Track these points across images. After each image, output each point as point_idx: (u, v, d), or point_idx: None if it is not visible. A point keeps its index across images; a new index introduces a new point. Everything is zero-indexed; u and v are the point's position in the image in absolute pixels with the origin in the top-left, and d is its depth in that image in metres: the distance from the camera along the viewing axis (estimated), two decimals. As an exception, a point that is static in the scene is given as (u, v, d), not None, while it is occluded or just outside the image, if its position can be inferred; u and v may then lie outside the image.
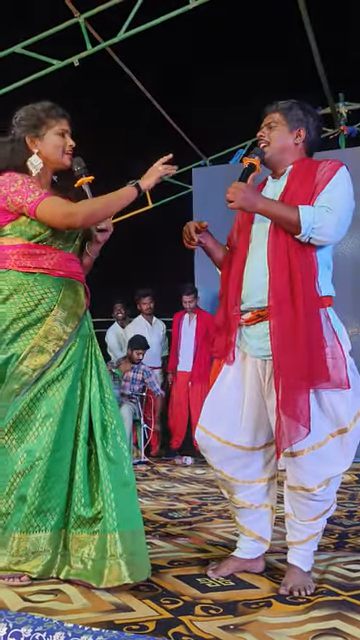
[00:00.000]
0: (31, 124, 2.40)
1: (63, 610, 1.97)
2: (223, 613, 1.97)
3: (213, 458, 2.39)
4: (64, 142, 2.42)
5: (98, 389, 2.38)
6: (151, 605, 2.03)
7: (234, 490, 2.40)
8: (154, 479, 5.13)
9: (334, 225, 2.20)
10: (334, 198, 2.21)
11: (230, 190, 2.24)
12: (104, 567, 2.16)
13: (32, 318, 2.34)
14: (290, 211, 2.19)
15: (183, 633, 1.79)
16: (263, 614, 1.96)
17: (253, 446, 2.35)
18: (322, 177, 2.25)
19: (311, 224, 2.16)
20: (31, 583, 2.22)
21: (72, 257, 2.47)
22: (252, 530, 2.41)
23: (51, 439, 2.27)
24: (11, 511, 2.26)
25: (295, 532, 2.30)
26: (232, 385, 2.37)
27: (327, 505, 2.28)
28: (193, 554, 2.67)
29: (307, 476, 2.21)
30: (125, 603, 2.05)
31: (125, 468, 2.32)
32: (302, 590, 2.15)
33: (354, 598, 2.08)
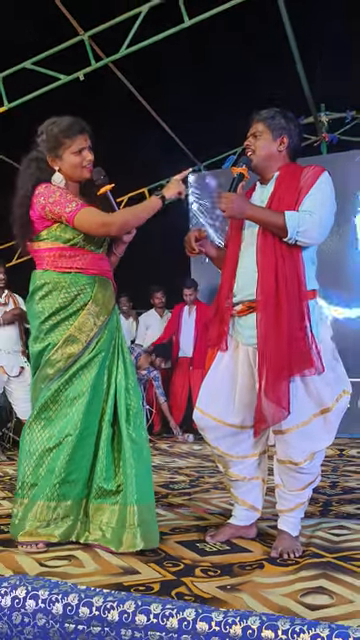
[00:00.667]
0: (50, 146, 2.41)
1: (76, 574, 1.98)
2: (220, 574, 1.98)
3: (210, 436, 2.40)
4: (81, 159, 2.41)
5: (123, 376, 2.43)
6: (155, 568, 2.04)
7: (229, 464, 2.41)
8: (156, 455, 5.14)
9: (317, 228, 2.20)
10: (316, 202, 2.21)
11: (222, 201, 2.24)
12: (123, 535, 2.22)
13: (68, 312, 2.39)
14: (276, 217, 2.19)
15: (185, 593, 1.80)
16: (256, 575, 1.97)
17: (245, 425, 2.36)
18: (305, 182, 2.24)
19: (296, 228, 2.16)
20: (47, 550, 2.23)
21: (102, 257, 2.51)
22: (246, 500, 2.42)
23: (79, 418, 2.32)
24: (39, 482, 2.29)
25: (284, 501, 2.31)
26: (226, 371, 2.37)
27: (312, 477, 2.30)
28: (192, 522, 2.68)
29: (295, 451, 2.23)
30: (132, 567, 2.06)
31: (144, 449, 2.39)
32: (291, 553, 2.16)
33: (338, 560, 2.10)
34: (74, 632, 1.60)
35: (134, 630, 1.55)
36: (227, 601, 1.74)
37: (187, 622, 1.52)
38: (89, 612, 1.60)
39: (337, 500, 3.09)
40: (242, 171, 2.31)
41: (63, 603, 1.63)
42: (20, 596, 1.68)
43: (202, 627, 1.50)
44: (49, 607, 1.64)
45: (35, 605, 1.65)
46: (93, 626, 1.59)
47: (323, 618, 1.58)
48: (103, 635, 1.57)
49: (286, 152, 2.38)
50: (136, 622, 1.55)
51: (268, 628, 1.46)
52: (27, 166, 2.45)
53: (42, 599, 1.66)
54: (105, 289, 2.47)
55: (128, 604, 1.59)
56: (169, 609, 1.56)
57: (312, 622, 1.47)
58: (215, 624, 1.50)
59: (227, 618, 1.50)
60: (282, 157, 2.37)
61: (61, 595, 1.66)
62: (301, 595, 1.79)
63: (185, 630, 1.51)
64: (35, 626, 1.63)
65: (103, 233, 2.38)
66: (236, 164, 2.34)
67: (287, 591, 1.82)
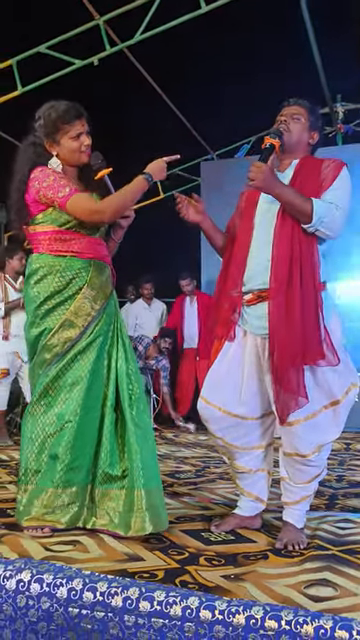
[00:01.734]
0: (48, 131, 2.39)
1: (81, 559, 1.99)
2: (225, 564, 1.99)
3: (214, 427, 2.38)
4: (79, 144, 2.39)
5: (124, 361, 2.42)
6: (160, 556, 2.04)
7: (234, 456, 2.41)
8: (162, 444, 5.16)
9: (340, 222, 2.19)
10: (340, 196, 2.19)
11: (252, 169, 2.17)
12: (131, 519, 2.22)
13: (64, 296, 2.37)
14: (304, 201, 2.15)
15: (189, 581, 1.81)
16: (261, 565, 1.97)
17: (251, 416, 2.35)
18: (328, 175, 2.22)
19: (321, 217, 2.14)
20: (52, 535, 2.25)
21: (99, 241, 2.48)
22: (251, 491, 2.43)
23: (78, 404, 2.31)
24: (42, 469, 2.30)
25: (290, 494, 2.31)
26: (233, 360, 2.36)
27: (319, 470, 2.29)
28: (198, 511, 2.69)
29: (302, 443, 2.22)
30: (137, 553, 2.07)
31: (148, 433, 2.39)
32: (295, 545, 2.16)
33: (342, 552, 2.10)
34: (78, 616, 1.61)
35: (137, 616, 1.56)
36: (231, 590, 1.74)
37: (190, 610, 1.52)
38: (93, 597, 1.61)
39: (343, 494, 3.09)
40: (275, 143, 2.24)
41: (67, 587, 1.64)
42: (25, 579, 1.69)
43: (205, 615, 1.51)
44: (53, 591, 1.65)
45: (40, 589, 1.66)
46: (97, 611, 1.60)
47: (327, 610, 1.59)
48: (106, 620, 1.58)
49: (312, 147, 2.39)
50: (140, 609, 1.56)
51: (272, 618, 1.46)
52: (24, 150, 2.44)
53: (47, 583, 1.67)
54: (101, 273, 2.45)
55: (132, 590, 1.60)
56: (173, 597, 1.56)
57: (316, 613, 1.47)
58: (218, 613, 1.50)
59: (230, 607, 1.51)
60: (307, 150, 2.37)
61: (66, 579, 1.67)
62: (305, 587, 1.79)
63: (188, 618, 1.52)
64: (39, 609, 1.64)
65: (95, 220, 2.37)
66: (268, 135, 2.26)
67: (291, 582, 1.83)
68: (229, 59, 5.95)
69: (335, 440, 2.31)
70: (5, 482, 3.32)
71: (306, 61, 6.24)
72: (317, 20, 5.65)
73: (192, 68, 6.09)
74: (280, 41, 5.79)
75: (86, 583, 1.65)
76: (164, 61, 6.04)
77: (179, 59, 6.06)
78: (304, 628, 1.42)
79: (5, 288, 5.09)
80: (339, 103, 7.40)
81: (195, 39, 5.68)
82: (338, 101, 7.40)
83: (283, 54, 5.95)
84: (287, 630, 1.43)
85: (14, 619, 1.66)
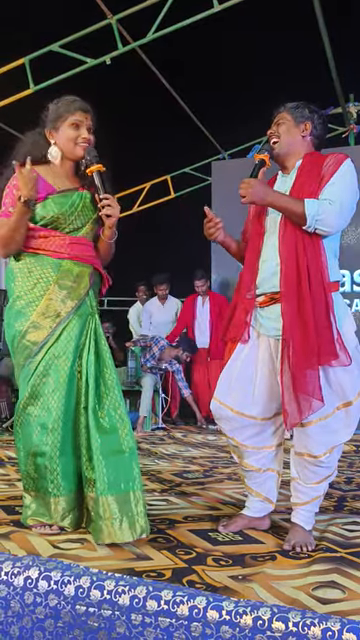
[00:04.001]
0: (51, 118, 2.37)
1: (89, 557, 2.00)
2: (232, 564, 1.98)
3: (226, 426, 2.39)
4: (77, 134, 2.34)
5: (94, 362, 2.31)
6: (167, 555, 2.05)
7: (244, 455, 2.41)
8: (170, 443, 5.16)
9: (336, 216, 2.18)
10: (337, 190, 2.19)
11: (242, 186, 2.23)
12: (101, 526, 2.15)
13: (30, 297, 2.32)
14: (296, 204, 2.17)
15: (196, 581, 1.81)
16: (268, 567, 1.97)
17: (263, 417, 2.35)
18: (327, 170, 2.22)
19: (315, 216, 2.14)
20: (59, 533, 2.25)
21: (81, 241, 2.40)
22: (259, 491, 2.42)
23: (60, 411, 2.25)
24: (39, 476, 2.27)
25: (299, 494, 2.30)
26: (246, 361, 2.36)
27: (330, 471, 2.29)
28: (205, 511, 2.69)
29: (314, 444, 2.22)
30: (144, 553, 2.07)
31: (120, 437, 2.25)
32: (304, 546, 2.16)
33: (351, 555, 2.09)
34: (85, 614, 1.62)
35: (144, 615, 1.56)
36: (238, 591, 1.74)
37: (198, 610, 1.53)
38: (100, 595, 1.62)
39: (352, 496, 3.08)
40: (264, 157, 2.30)
41: (75, 585, 1.65)
42: (33, 576, 1.70)
43: (212, 615, 1.51)
44: (61, 588, 1.66)
45: (47, 586, 1.67)
46: (104, 609, 1.60)
47: (334, 612, 1.58)
48: (113, 619, 1.59)
49: (310, 140, 2.36)
50: (147, 607, 1.56)
51: (279, 620, 1.46)
52: (24, 140, 2.43)
53: (54, 580, 1.68)
54: (76, 274, 2.36)
55: (139, 589, 1.60)
56: (180, 596, 1.56)
57: (323, 615, 1.46)
58: (226, 613, 1.50)
59: (238, 608, 1.51)
60: (306, 144, 2.36)
61: (73, 577, 1.67)
62: (313, 589, 1.78)
63: (195, 618, 1.52)
64: (47, 606, 1.65)
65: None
66: (259, 152, 2.34)
67: (299, 584, 1.82)
68: (241, 58, 5.95)
69: (344, 443, 2.30)
70: (14, 479, 3.33)
71: (319, 61, 6.22)
72: (330, 19, 5.63)
73: (204, 67, 6.10)
74: (293, 41, 5.78)
75: (93, 581, 1.65)
76: (176, 60, 6.05)
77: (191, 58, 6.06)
78: (312, 630, 1.42)
79: None
80: (352, 103, 7.38)
81: (207, 38, 5.68)
82: (351, 101, 7.37)
83: (296, 54, 5.94)
84: (294, 632, 1.43)
85: (22, 616, 1.67)
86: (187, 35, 5.53)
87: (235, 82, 6.18)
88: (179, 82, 6.62)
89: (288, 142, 2.34)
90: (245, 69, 6.04)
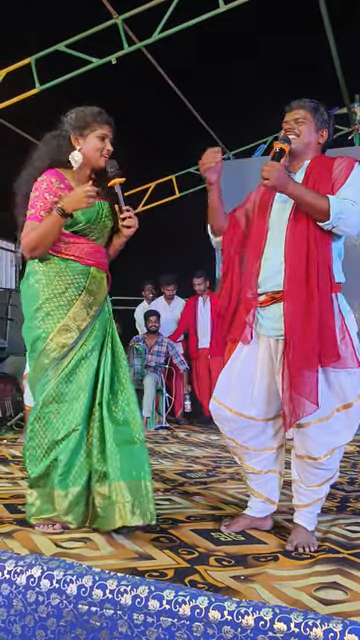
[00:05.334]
0: (78, 125, 2.44)
1: (91, 556, 2.00)
2: (234, 565, 1.98)
3: (225, 428, 2.38)
4: (103, 145, 2.44)
5: (110, 361, 2.44)
6: (170, 555, 2.05)
7: (245, 457, 2.40)
8: (174, 443, 5.16)
9: (357, 217, 2.15)
10: (355, 192, 2.16)
11: (266, 168, 2.15)
12: (113, 510, 2.23)
13: (62, 300, 2.39)
14: (320, 199, 2.13)
15: (198, 581, 1.81)
16: (271, 567, 1.97)
17: (263, 418, 2.34)
18: (340, 173, 2.20)
19: (338, 214, 2.11)
20: (62, 532, 2.26)
21: (100, 248, 2.51)
22: (261, 492, 2.42)
23: (83, 411, 2.34)
24: (50, 472, 2.31)
25: (301, 496, 2.30)
26: (246, 361, 2.35)
27: (331, 473, 2.28)
28: (208, 511, 2.68)
29: (314, 446, 2.21)
30: (147, 552, 2.07)
31: (132, 429, 2.37)
32: (306, 547, 2.15)
33: (353, 556, 2.08)
34: (87, 613, 1.62)
35: (146, 615, 1.56)
36: (240, 591, 1.74)
37: (199, 610, 1.52)
38: (102, 594, 1.62)
39: (355, 497, 3.07)
40: (284, 147, 2.23)
41: (77, 584, 1.65)
42: (35, 575, 1.70)
43: (214, 616, 1.51)
44: (63, 587, 1.66)
45: (50, 585, 1.67)
46: (106, 609, 1.60)
47: (337, 613, 1.58)
48: (115, 618, 1.59)
49: (322, 146, 2.36)
50: (149, 607, 1.56)
51: (281, 620, 1.46)
52: (47, 142, 2.49)
53: (57, 579, 1.68)
54: (98, 280, 2.48)
55: (141, 589, 1.60)
56: (182, 596, 1.56)
57: (325, 617, 1.46)
58: (228, 613, 1.50)
59: (240, 608, 1.50)
60: (318, 149, 2.35)
61: (76, 576, 1.68)
62: (315, 589, 1.78)
63: (197, 618, 1.52)
64: (49, 605, 1.65)
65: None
66: (278, 140, 2.27)
67: (301, 585, 1.82)
68: (246, 58, 5.94)
69: (348, 443, 2.29)
70: (17, 478, 3.34)
71: (324, 61, 6.21)
72: (336, 19, 5.62)
73: (209, 67, 6.09)
74: (298, 41, 5.77)
75: (96, 580, 1.65)
76: (182, 60, 6.04)
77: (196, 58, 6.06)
78: (313, 631, 1.42)
79: None
80: (357, 103, 7.36)
81: (213, 38, 5.68)
82: (356, 101, 7.35)
83: (301, 54, 5.93)
84: (296, 633, 1.43)
85: (24, 614, 1.67)
86: (193, 35, 5.52)
87: (240, 82, 6.17)
88: (184, 82, 6.62)
89: (306, 143, 2.30)
90: (250, 69, 6.03)
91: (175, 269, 7.10)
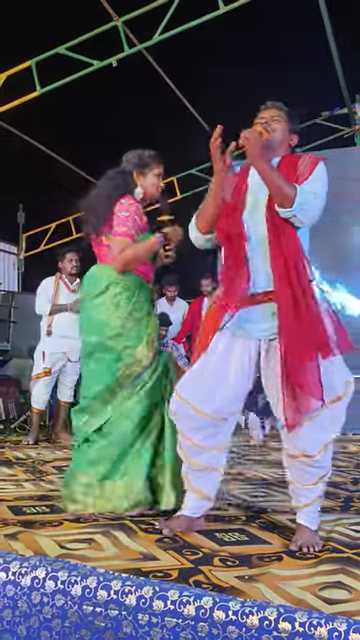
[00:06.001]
0: (140, 163, 2.86)
1: (96, 557, 2.00)
2: (239, 565, 1.98)
3: (185, 426, 2.34)
4: (159, 182, 2.89)
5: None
6: (174, 555, 2.05)
7: (192, 453, 2.36)
8: (177, 444, 5.16)
9: (316, 210, 2.21)
10: (318, 187, 2.21)
11: (246, 135, 2.21)
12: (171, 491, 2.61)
13: (142, 313, 2.73)
14: (288, 184, 2.16)
15: (202, 581, 1.81)
16: (275, 567, 1.97)
17: (220, 417, 2.30)
18: (305, 168, 2.24)
19: (302, 204, 2.15)
20: (67, 533, 2.26)
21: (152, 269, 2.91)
22: (201, 489, 2.38)
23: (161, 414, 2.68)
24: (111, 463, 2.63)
25: (300, 497, 2.29)
26: (220, 359, 2.29)
27: (324, 470, 2.27)
28: (211, 512, 2.67)
29: (309, 443, 2.20)
30: (151, 553, 2.07)
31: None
32: (310, 547, 2.15)
33: (357, 555, 2.08)
34: (91, 614, 1.62)
35: (151, 615, 1.56)
36: (245, 591, 1.74)
37: (204, 610, 1.53)
38: (107, 595, 1.62)
39: (358, 496, 3.07)
40: (263, 132, 2.26)
41: (82, 585, 1.65)
42: (40, 576, 1.71)
43: (219, 616, 1.51)
44: (68, 588, 1.66)
45: (54, 586, 1.67)
46: (110, 609, 1.60)
47: (341, 613, 1.57)
48: (120, 619, 1.59)
49: (291, 149, 2.42)
50: (153, 608, 1.57)
51: (285, 620, 1.46)
52: (113, 177, 2.85)
53: (61, 580, 1.68)
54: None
55: (146, 589, 1.60)
56: (186, 596, 1.57)
57: (330, 616, 1.46)
58: (232, 613, 1.50)
59: (244, 608, 1.50)
60: (287, 151, 2.40)
61: (80, 577, 1.68)
62: (319, 589, 1.78)
63: (202, 618, 1.52)
64: (54, 606, 1.65)
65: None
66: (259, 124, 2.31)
67: (305, 584, 1.82)
68: (247, 59, 5.95)
69: (352, 443, 2.29)
70: (21, 480, 3.35)
71: (324, 61, 6.22)
72: (336, 19, 5.62)
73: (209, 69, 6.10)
74: (298, 41, 5.78)
75: (100, 581, 1.65)
76: (182, 62, 6.05)
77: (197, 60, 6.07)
78: (318, 630, 1.42)
79: (58, 287, 5.20)
80: (358, 103, 7.36)
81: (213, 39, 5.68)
82: (357, 101, 7.36)
83: (301, 54, 5.94)
84: (301, 632, 1.43)
85: (29, 615, 1.67)
86: (193, 36, 5.53)
87: (241, 83, 6.17)
88: (185, 83, 6.63)
89: (279, 140, 2.34)
90: (250, 70, 6.03)
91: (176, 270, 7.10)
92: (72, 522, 2.46)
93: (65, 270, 5.24)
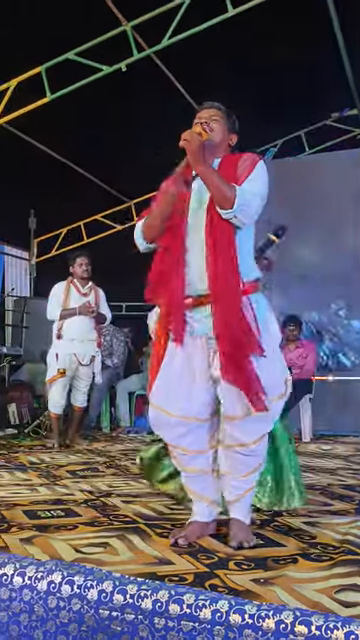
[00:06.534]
0: None
1: (111, 562, 2.01)
2: (254, 568, 1.98)
3: (170, 434, 2.32)
4: None
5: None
6: (189, 560, 2.05)
7: (188, 462, 2.35)
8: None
9: (254, 211, 2.21)
10: (256, 186, 2.22)
11: (188, 132, 2.20)
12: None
13: None
14: (228, 186, 2.15)
15: (218, 585, 1.81)
16: (290, 570, 1.96)
17: (202, 418, 2.29)
18: (245, 169, 2.23)
19: (241, 205, 2.14)
20: (82, 537, 2.27)
21: None
22: (207, 496, 2.37)
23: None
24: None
25: (232, 489, 2.30)
26: (182, 363, 2.28)
27: (259, 460, 2.31)
28: (225, 516, 2.67)
29: (244, 433, 2.23)
30: (166, 557, 2.07)
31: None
32: (245, 542, 2.18)
33: (374, 559, 2.08)
34: (108, 618, 1.63)
35: (167, 619, 1.57)
36: (260, 594, 1.74)
37: (220, 614, 1.53)
38: (123, 599, 1.63)
39: (374, 499, 3.06)
40: (202, 133, 2.22)
41: (98, 589, 1.66)
42: (56, 581, 1.72)
43: (235, 619, 1.51)
44: (84, 593, 1.67)
45: (70, 590, 1.68)
46: (127, 613, 1.61)
47: (357, 615, 1.57)
48: (136, 623, 1.59)
49: (231, 149, 2.41)
50: (169, 611, 1.57)
51: (301, 623, 1.46)
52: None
53: (77, 584, 1.69)
54: None
55: (162, 593, 1.61)
56: (202, 600, 1.57)
57: (347, 619, 1.46)
58: (248, 617, 1.50)
59: (260, 611, 1.50)
60: (227, 151, 2.39)
61: (96, 581, 1.69)
62: (335, 592, 1.77)
63: (218, 621, 1.52)
64: (70, 611, 1.66)
65: None
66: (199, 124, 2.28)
67: (321, 587, 1.81)
68: (255, 61, 5.96)
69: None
70: (36, 484, 3.36)
71: (334, 62, 6.21)
72: (345, 20, 5.61)
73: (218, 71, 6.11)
74: (308, 42, 5.78)
75: (116, 585, 1.66)
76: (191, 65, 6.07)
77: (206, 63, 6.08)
78: (334, 634, 1.41)
79: (69, 291, 5.21)
80: (368, 104, 7.34)
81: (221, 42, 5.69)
82: (367, 102, 7.34)
83: (311, 55, 5.93)
84: (317, 635, 1.43)
85: (45, 620, 1.68)
86: (202, 40, 5.54)
87: (250, 85, 6.19)
88: (194, 87, 6.64)
89: (219, 140, 2.34)
90: (260, 72, 6.04)
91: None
92: (87, 526, 2.47)
93: (76, 274, 5.26)
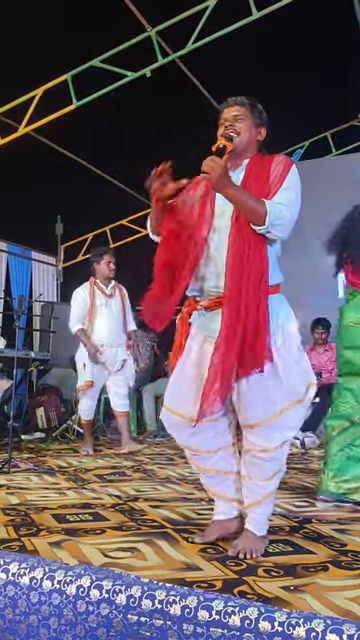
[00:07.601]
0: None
1: (139, 566, 2.01)
2: (283, 575, 1.96)
3: (181, 435, 2.31)
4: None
5: None
6: (218, 566, 2.04)
7: (202, 462, 2.34)
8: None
9: (291, 223, 2.15)
10: (290, 196, 2.15)
11: (208, 163, 2.09)
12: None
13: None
14: (257, 203, 2.10)
15: (247, 592, 1.80)
16: (321, 577, 1.94)
17: (213, 418, 2.25)
18: (277, 174, 2.17)
19: (273, 220, 2.09)
20: (110, 542, 2.28)
21: None
22: (225, 493, 2.37)
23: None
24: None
25: (249, 493, 2.27)
26: (195, 364, 2.27)
27: (279, 465, 2.26)
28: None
29: (266, 440, 2.20)
30: (194, 563, 2.07)
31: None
32: (248, 553, 2.14)
33: None
34: (136, 623, 1.63)
35: (196, 625, 1.56)
36: (290, 602, 1.72)
37: (249, 621, 1.52)
38: (151, 605, 1.63)
39: None
40: (227, 145, 2.18)
41: (126, 594, 1.67)
42: (85, 585, 1.72)
43: (265, 627, 1.50)
44: (112, 597, 1.67)
45: (99, 595, 1.69)
46: (155, 619, 1.61)
47: (390, 625, 1.54)
48: (165, 629, 1.59)
49: (260, 144, 2.33)
50: (198, 618, 1.56)
51: (332, 632, 1.44)
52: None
53: (106, 589, 1.69)
54: None
55: (190, 599, 1.60)
56: (231, 607, 1.56)
57: (379, 628, 1.43)
58: (278, 624, 1.49)
59: (290, 619, 1.49)
60: (257, 147, 2.32)
61: (124, 586, 1.69)
62: (367, 600, 1.75)
63: (247, 629, 1.51)
64: (99, 615, 1.67)
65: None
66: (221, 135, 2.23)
67: (352, 595, 1.79)
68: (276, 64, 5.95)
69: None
70: (64, 488, 3.38)
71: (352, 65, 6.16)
72: None
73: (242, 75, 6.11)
74: (330, 41, 5.75)
75: (145, 591, 1.66)
76: (216, 70, 6.07)
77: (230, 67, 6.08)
78: (367, 643, 1.39)
79: (93, 293, 4.99)
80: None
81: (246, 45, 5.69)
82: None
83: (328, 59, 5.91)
84: (349, 644, 1.41)
85: (74, 624, 1.69)
86: (227, 43, 5.55)
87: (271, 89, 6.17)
88: (219, 91, 6.65)
89: (247, 141, 2.27)
90: (284, 76, 6.02)
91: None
92: (115, 530, 2.47)
93: (100, 272, 5.01)
